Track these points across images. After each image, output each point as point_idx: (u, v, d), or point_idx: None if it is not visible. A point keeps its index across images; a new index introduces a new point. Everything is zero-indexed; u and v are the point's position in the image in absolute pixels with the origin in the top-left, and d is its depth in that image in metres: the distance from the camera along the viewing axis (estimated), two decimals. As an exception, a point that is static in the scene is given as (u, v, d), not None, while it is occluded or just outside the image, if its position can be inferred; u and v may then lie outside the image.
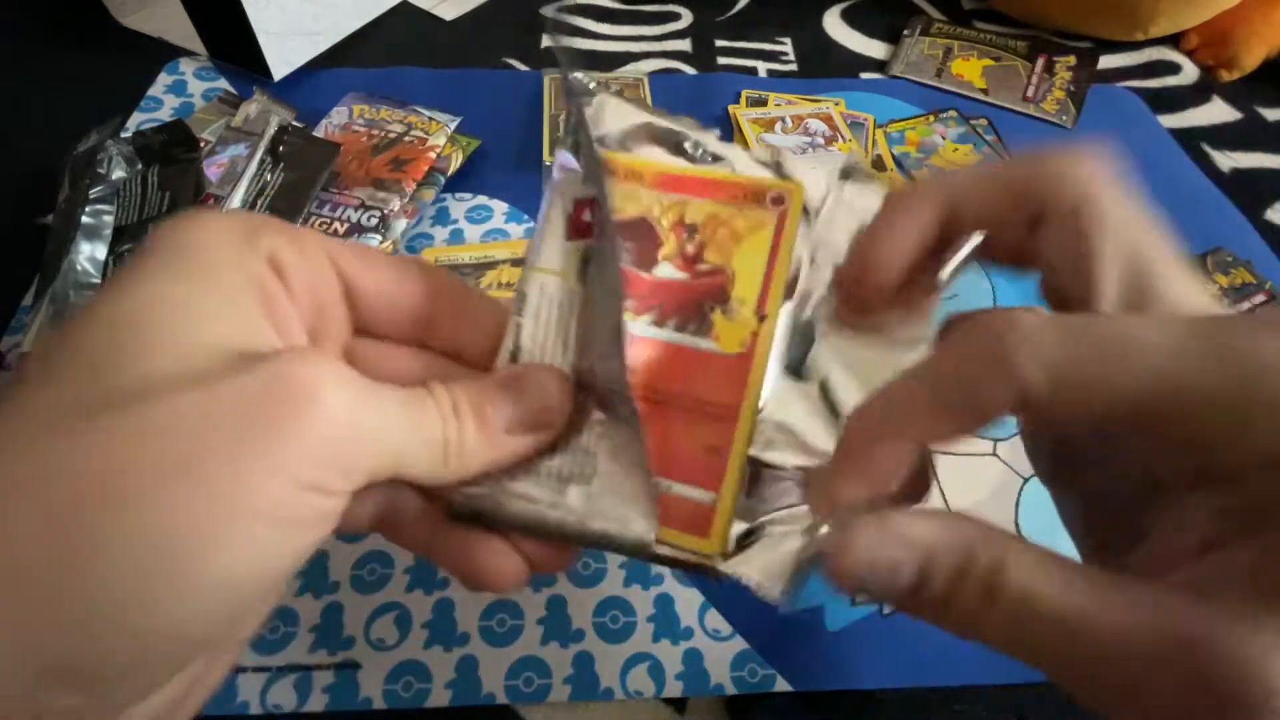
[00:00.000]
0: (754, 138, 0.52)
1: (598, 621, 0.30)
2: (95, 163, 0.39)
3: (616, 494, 0.18)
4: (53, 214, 0.41)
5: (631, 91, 0.55)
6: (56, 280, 0.35)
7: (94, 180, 0.38)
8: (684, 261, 0.20)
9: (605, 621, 0.30)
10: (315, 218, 0.43)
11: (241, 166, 0.42)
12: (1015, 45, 0.63)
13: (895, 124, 0.55)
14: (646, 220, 0.20)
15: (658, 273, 0.20)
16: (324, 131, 0.48)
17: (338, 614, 0.31)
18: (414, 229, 0.46)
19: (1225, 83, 0.63)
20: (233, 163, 0.43)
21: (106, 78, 0.54)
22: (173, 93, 0.53)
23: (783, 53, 0.63)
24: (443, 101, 0.51)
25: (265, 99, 0.48)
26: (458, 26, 0.63)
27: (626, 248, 0.20)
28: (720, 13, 0.67)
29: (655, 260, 0.20)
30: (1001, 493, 0.36)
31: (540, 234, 0.19)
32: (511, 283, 0.43)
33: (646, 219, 0.20)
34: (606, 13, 0.66)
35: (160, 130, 0.43)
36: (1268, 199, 0.52)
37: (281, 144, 0.43)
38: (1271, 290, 0.43)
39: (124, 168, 0.40)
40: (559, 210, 0.19)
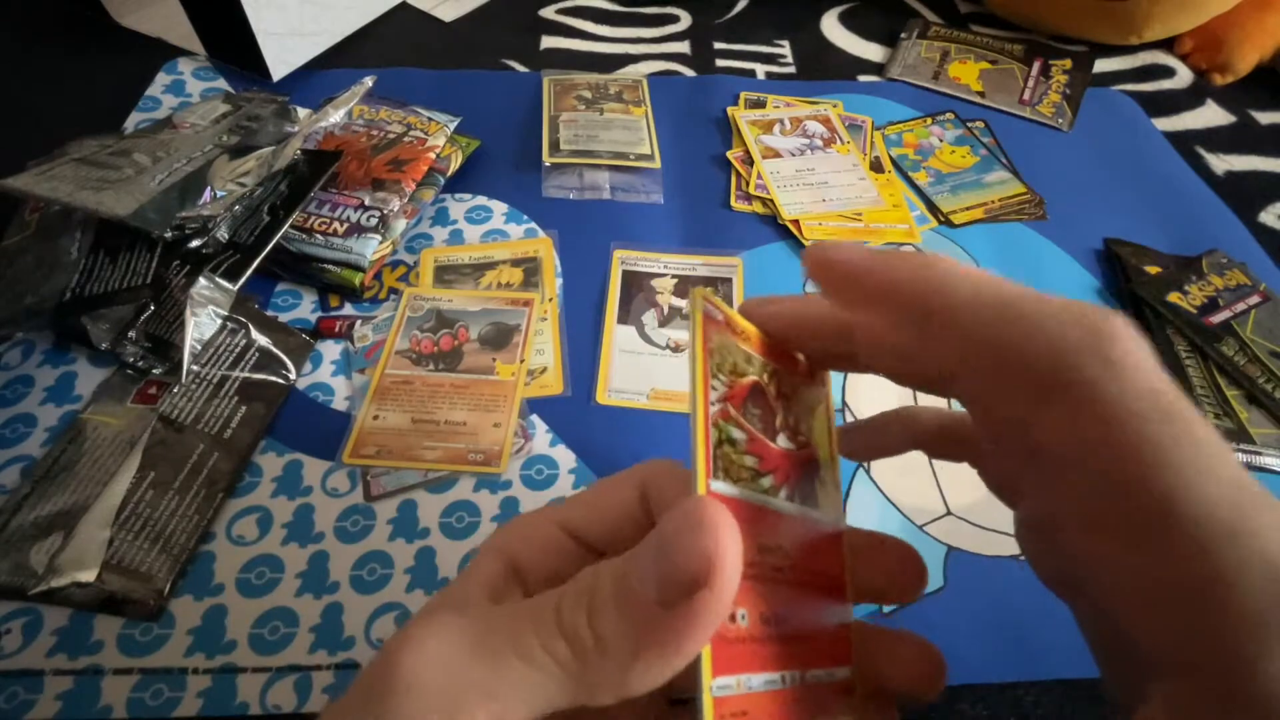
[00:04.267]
0: (752, 139, 0.52)
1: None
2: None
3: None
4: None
5: (631, 93, 0.55)
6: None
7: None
8: (791, 432, 0.19)
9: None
10: (315, 218, 0.43)
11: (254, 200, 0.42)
12: (1012, 49, 0.64)
13: (893, 126, 0.55)
14: (761, 387, 0.19)
15: (780, 443, 0.19)
16: (323, 132, 0.48)
17: (338, 614, 0.31)
18: (414, 229, 0.46)
19: (1219, 86, 0.63)
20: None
21: (106, 78, 0.54)
22: (171, 92, 0.53)
23: (781, 55, 0.63)
24: (442, 102, 0.51)
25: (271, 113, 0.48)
26: (457, 27, 0.63)
27: (756, 414, 0.18)
28: (719, 15, 0.67)
29: (775, 430, 0.19)
30: (1000, 492, 0.37)
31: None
32: (512, 283, 0.43)
33: (760, 385, 0.19)
34: (606, 15, 0.66)
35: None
36: (1261, 201, 0.53)
37: (294, 171, 0.43)
38: (1266, 292, 0.44)
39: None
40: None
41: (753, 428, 0.18)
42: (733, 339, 0.18)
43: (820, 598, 0.18)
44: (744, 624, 0.16)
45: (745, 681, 0.15)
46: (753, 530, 0.16)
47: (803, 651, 0.17)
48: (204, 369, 0.37)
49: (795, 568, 0.17)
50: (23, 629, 0.29)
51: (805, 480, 0.19)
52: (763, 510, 0.17)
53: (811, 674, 0.17)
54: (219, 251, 0.39)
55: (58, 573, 0.29)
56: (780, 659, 0.16)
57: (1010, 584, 0.33)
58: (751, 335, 0.19)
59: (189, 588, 0.31)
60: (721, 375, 0.17)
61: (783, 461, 0.18)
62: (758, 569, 0.16)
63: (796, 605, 0.17)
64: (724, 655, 0.15)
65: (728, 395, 0.17)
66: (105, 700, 0.28)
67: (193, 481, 0.33)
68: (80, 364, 0.38)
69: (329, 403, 0.38)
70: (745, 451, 0.17)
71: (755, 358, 0.19)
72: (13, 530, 0.31)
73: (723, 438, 0.17)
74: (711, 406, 0.17)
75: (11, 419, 0.36)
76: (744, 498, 0.17)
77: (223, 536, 0.33)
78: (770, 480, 0.18)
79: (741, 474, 0.17)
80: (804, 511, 0.18)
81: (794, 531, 0.18)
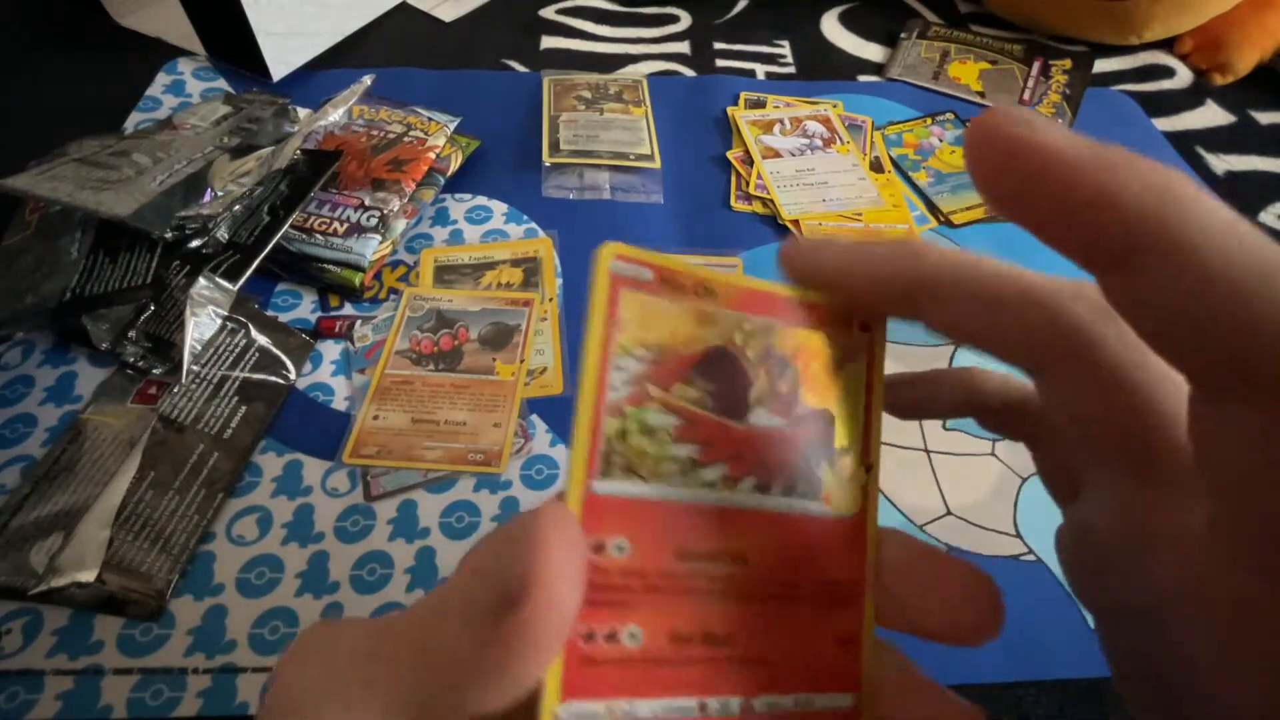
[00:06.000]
0: (752, 139, 0.52)
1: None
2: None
3: None
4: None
5: (631, 93, 0.55)
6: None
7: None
8: (779, 404, 0.15)
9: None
10: (315, 218, 0.43)
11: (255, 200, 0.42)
12: (1011, 49, 0.64)
13: (893, 126, 0.55)
14: (728, 352, 0.15)
15: (753, 421, 0.15)
16: (323, 132, 0.48)
17: (338, 614, 0.31)
18: (414, 229, 0.46)
19: (1219, 86, 0.63)
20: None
21: (106, 78, 0.54)
22: (171, 92, 0.53)
23: (781, 55, 0.63)
24: (442, 102, 0.51)
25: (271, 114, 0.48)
26: (457, 27, 0.63)
27: (710, 390, 0.15)
28: (719, 15, 0.67)
29: (747, 405, 0.15)
30: (1000, 492, 0.37)
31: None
32: (512, 283, 0.43)
33: (728, 350, 0.15)
34: (606, 15, 0.66)
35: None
36: (1261, 201, 0.53)
37: (294, 171, 0.43)
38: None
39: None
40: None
41: (696, 408, 0.15)
42: (674, 299, 0.15)
43: (812, 611, 0.15)
44: (632, 644, 0.14)
45: (624, 708, 0.14)
46: (668, 535, 0.14)
47: (760, 675, 0.15)
48: (204, 369, 0.37)
49: (763, 578, 0.15)
50: (23, 629, 0.29)
51: (798, 465, 0.16)
52: (694, 510, 0.15)
53: (773, 700, 0.15)
54: (219, 251, 0.39)
55: (58, 573, 0.29)
56: (706, 684, 0.14)
57: (1010, 584, 0.33)
58: (718, 286, 0.15)
59: (189, 588, 0.31)
60: (640, 349, 0.15)
61: (748, 445, 0.15)
62: (674, 580, 0.14)
63: (760, 621, 0.15)
64: (586, 678, 0.13)
65: (650, 374, 0.15)
66: (105, 700, 0.28)
67: (193, 481, 0.33)
68: (80, 364, 0.38)
69: (329, 403, 0.38)
70: (676, 439, 0.15)
71: (724, 314, 0.15)
72: (13, 530, 0.31)
73: (627, 428, 0.14)
74: (613, 391, 0.14)
75: (11, 419, 0.36)
76: (660, 497, 0.14)
77: (223, 536, 0.33)
78: (720, 471, 0.15)
79: (662, 467, 0.14)
80: (790, 506, 0.15)
81: (764, 532, 0.15)
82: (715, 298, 0.15)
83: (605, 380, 0.14)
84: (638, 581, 0.14)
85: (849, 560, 0.16)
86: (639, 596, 0.14)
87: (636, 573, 0.14)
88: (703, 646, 0.14)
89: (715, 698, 0.14)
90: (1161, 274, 0.10)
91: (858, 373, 0.16)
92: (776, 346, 0.16)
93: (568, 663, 0.13)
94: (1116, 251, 0.10)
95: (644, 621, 0.14)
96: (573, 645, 0.13)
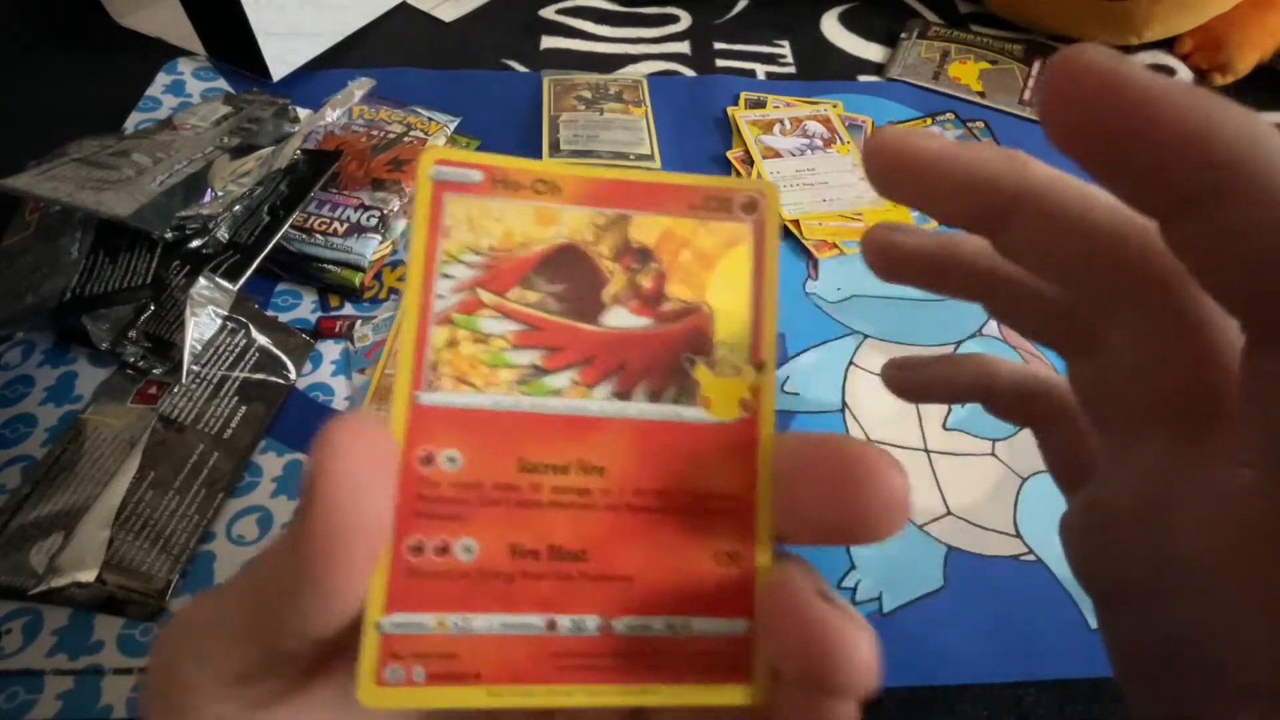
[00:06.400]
0: (752, 139, 0.52)
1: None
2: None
3: None
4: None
5: (631, 93, 0.55)
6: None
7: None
8: (641, 302, 0.14)
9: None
10: (315, 218, 0.43)
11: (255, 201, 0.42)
12: (1011, 49, 0.64)
13: (893, 126, 0.55)
14: (576, 249, 0.14)
15: (607, 321, 0.14)
16: (323, 132, 0.48)
17: (338, 613, 0.31)
18: (414, 229, 0.46)
19: (1219, 86, 0.63)
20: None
21: (106, 78, 0.54)
22: (171, 93, 0.53)
23: (781, 55, 0.63)
24: (442, 102, 0.51)
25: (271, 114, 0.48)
26: (457, 27, 0.63)
27: (554, 292, 0.14)
28: (719, 15, 0.67)
29: (600, 304, 0.14)
30: (1000, 492, 0.37)
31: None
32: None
33: (576, 247, 0.14)
34: (606, 15, 0.66)
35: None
36: (1262, 202, 0.53)
37: (294, 171, 0.43)
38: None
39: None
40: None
41: (538, 311, 0.14)
42: (509, 199, 0.14)
43: (687, 526, 0.14)
44: (466, 557, 0.13)
45: (456, 621, 0.13)
46: (508, 446, 0.14)
47: (623, 594, 0.14)
48: (204, 369, 0.37)
49: (623, 490, 0.14)
50: (23, 629, 0.29)
51: (666, 367, 0.14)
52: (539, 419, 0.14)
53: (638, 621, 0.14)
54: (219, 251, 0.39)
55: (58, 573, 0.30)
56: (554, 600, 0.14)
57: (1010, 584, 0.33)
58: (562, 181, 0.14)
59: (189, 588, 0.31)
60: (469, 254, 0.14)
61: (603, 348, 0.14)
62: (515, 493, 0.14)
63: (621, 537, 0.14)
64: (413, 590, 0.13)
65: (481, 279, 0.14)
66: (105, 700, 0.28)
67: (193, 481, 0.33)
68: (80, 364, 0.38)
69: (329, 403, 0.38)
70: (514, 345, 0.14)
71: (569, 210, 0.14)
72: (13, 530, 0.31)
73: (456, 337, 0.14)
74: (440, 300, 0.14)
75: (11, 419, 0.36)
76: (497, 407, 0.14)
77: (223, 536, 0.33)
78: (569, 377, 0.14)
79: (499, 376, 0.14)
80: (659, 412, 0.14)
81: (625, 441, 0.14)
82: (559, 193, 0.14)
83: (431, 289, 0.14)
84: (473, 494, 0.14)
85: (734, 470, 0.14)
86: (474, 509, 0.13)
87: (471, 485, 0.14)
88: (550, 561, 0.14)
89: (566, 615, 0.14)
90: (1246, 216, 0.10)
91: (740, 260, 0.15)
92: (636, 239, 0.14)
93: (393, 574, 0.13)
94: (1200, 193, 0.10)
95: (480, 535, 0.13)
96: (399, 557, 0.13)
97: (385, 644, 0.13)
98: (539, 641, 0.14)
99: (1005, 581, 0.33)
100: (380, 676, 0.13)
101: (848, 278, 0.45)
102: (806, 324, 0.42)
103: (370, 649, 0.13)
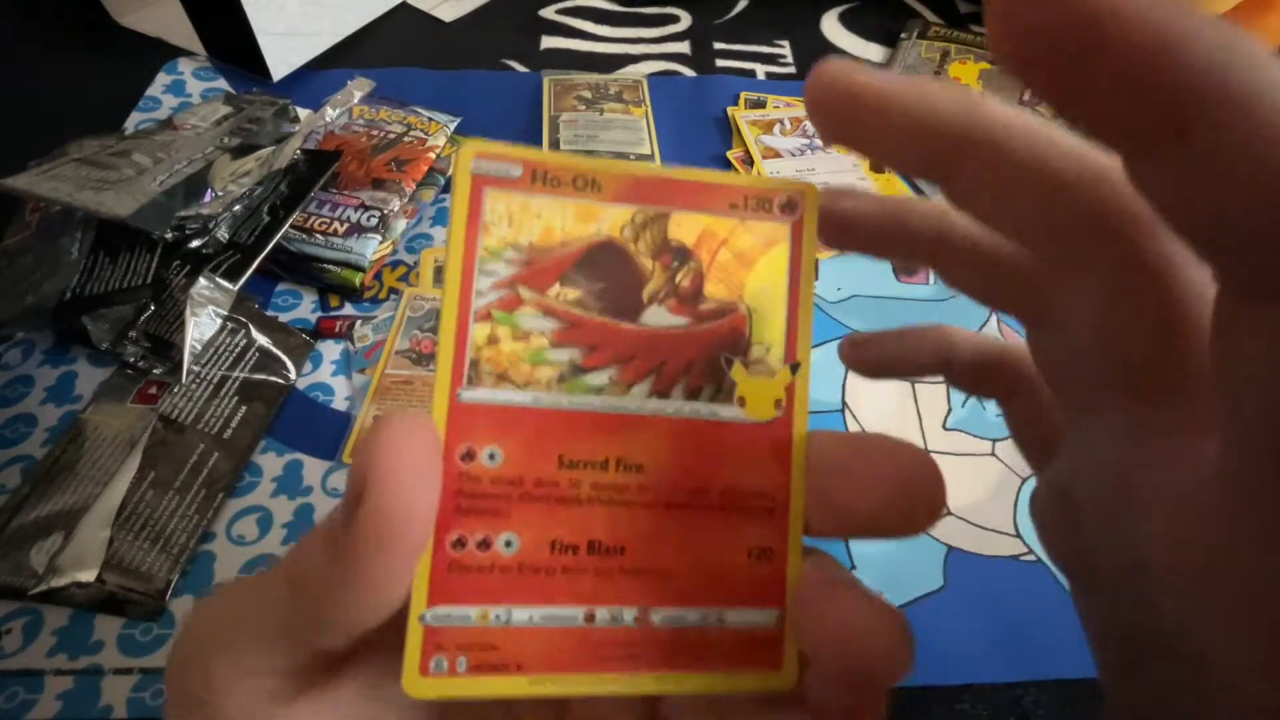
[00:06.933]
0: (752, 139, 0.52)
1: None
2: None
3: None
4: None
5: (631, 93, 0.55)
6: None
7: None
8: (679, 301, 0.14)
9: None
10: (315, 218, 0.43)
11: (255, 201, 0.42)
12: (1011, 49, 0.64)
13: (893, 126, 0.55)
14: (616, 247, 0.14)
15: (647, 320, 0.14)
16: (323, 132, 0.48)
17: (338, 613, 0.31)
18: (414, 229, 0.46)
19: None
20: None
21: (106, 78, 0.54)
22: (171, 92, 0.53)
23: (781, 55, 0.63)
24: (442, 102, 0.51)
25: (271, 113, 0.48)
26: (457, 28, 0.63)
27: (594, 290, 0.14)
28: (719, 15, 0.67)
29: (639, 303, 0.14)
30: (1000, 492, 0.37)
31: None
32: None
33: (615, 245, 0.14)
34: (606, 15, 0.66)
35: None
36: (1262, 202, 0.53)
37: (294, 171, 0.43)
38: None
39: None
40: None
41: (577, 309, 0.14)
42: (549, 195, 0.14)
43: (723, 522, 0.14)
44: (508, 551, 0.14)
45: (498, 614, 0.14)
46: (548, 443, 0.14)
47: (659, 587, 0.14)
48: (204, 369, 0.37)
49: (661, 487, 0.14)
50: (23, 629, 0.29)
51: (703, 367, 0.15)
52: (579, 417, 0.14)
53: (674, 613, 0.14)
54: (219, 251, 0.39)
55: (58, 573, 0.30)
56: (593, 593, 0.14)
57: (1010, 584, 0.33)
58: (603, 178, 0.14)
59: (189, 587, 0.31)
60: (510, 251, 0.14)
61: (641, 347, 0.14)
62: (555, 489, 0.14)
63: (659, 532, 0.14)
64: (457, 584, 0.13)
65: (521, 276, 0.14)
66: (105, 700, 0.28)
67: (193, 481, 0.33)
68: (80, 364, 0.38)
69: (329, 403, 0.38)
70: (554, 343, 0.14)
71: (610, 208, 0.14)
72: (13, 530, 0.31)
73: (496, 334, 0.14)
74: (480, 297, 0.14)
75: (11, 419, 0.36)
76: (538, 404, 0.14)
77: (223, 536, 0.33)
78: (608, 375, 0.14)
79: (539, 373, 0.14)
80: (696, 411, 0.14)
81: (664, 439, 0.14)
82: (599, 190, 0.14)
83: (471, 286, 0.14)
84: (513, 490, 0.14)
85: (769, 467, 0.15)
86: (514, 505, 0.14)
87: (512, 480, 0.14)
88: (589, 556, 0.14)
89: (605, 607, 0.14)
90: (1222, 145, 0.08)
91: (778, 261, 0.15)
92: (675, 237, 0.14)
93: (435, 568, 0.13)
94: (1173, 120, 0.08)
95: (521, 529, 0.14)
96: (441, 551, 0.13)
97: (429, 636, 0.13)
98: (578, 633, 0.14)
99: (1005, 581, 0.33)
100: (425, 667, 0.13)
101: (848, 278, 0.45)
102: (806, 324, 0.42)
103: (414, 641, 0.13)
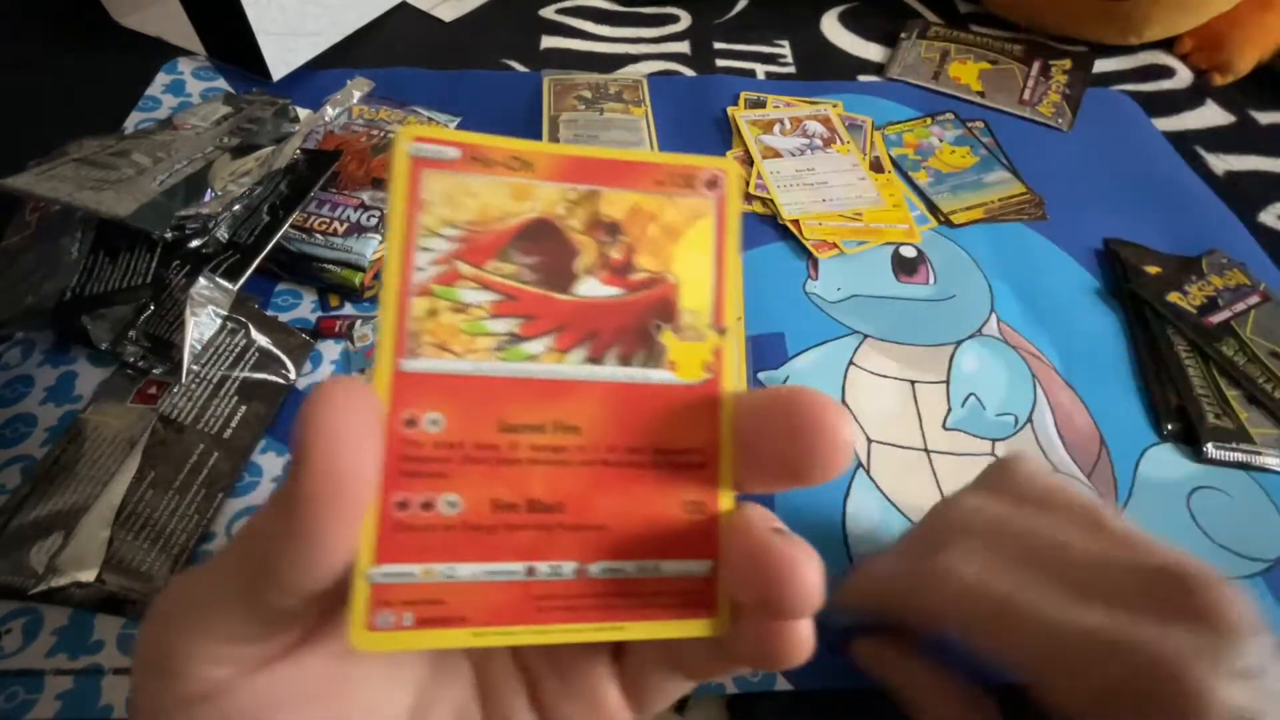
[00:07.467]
0: (752, 139, 0.52)
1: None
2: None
3: None
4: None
5: (631, 93, 0.55)
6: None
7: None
8: (611, 273, 0.15)
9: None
10: (315, 217, 0.43)
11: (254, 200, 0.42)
12: (1011, 49, 0.64)
13: (893, 126, 0.55)
14: (549, 223, 0.15)
15: (580, 291, 0.15)
16: (323, 132, 0.48)
17: (338, 613, 0.31)
18: (414, 229, 0.46)
19: (1219, 86, 0.63)
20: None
21: (106, 78, 0.54)
22: (171, 92, 0.53)
23: (781, 55, 0.63)
24: (442, 102, 0.51)
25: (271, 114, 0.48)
26: (457, 27, 0.63)
27: (529, 264, 0.15)
28: (719, 15, 0.67)
29: (573, 275, 0.15)
30: (1000, 492, 0.36)
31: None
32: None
33: (549, 221, 0.15)
34: (606, 15, 0.66)
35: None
36: (1261, 201, 0.53)
37: (294, 170, 0.43)
38: (1266, 292, 0.44)
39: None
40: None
41: (513, 282, 0.15)
42: (485, 175, 0.15)
43: (657, 479, 0.15)
44: (451, 511, 0.14)
45: (442, 570, 0.14)
46: (488, 408, 0.15)
47: (597, 541, 0.15)
48: (204, 369, 0.37)
49: (597, 447, 0.15)
50: (23, 629, 0.29)
51: (635, 333, 0.15)
52: (517, 383, 0.15)
53: (612, 565, 0.15)
54: (219, 251, 0.39)
55: (58, 573, 0.30)
56: (533, 548, 0.15)
57: (1010, 584, 0.33)
58: (536, 158, 0.15)
59: (189, 587, 0.31)
60: (447, 229, 0.15)
61: (576, 316, 0.15)
62: (495, 451, 0.15)
63: (595, 490, 0.15)
64: (401, 543, 0.14)
65: (459, 252, 0.15)
66: (105, 700, 0.28)
67: (193, 481, 0.33)
68: (80, 364, 0.38)
69: (329, 403, 0.38)
70: (492, 315, 0.15)
71: (543, 186, 0.15)
72: (13, 530, 0.31)
73: (436, 307, 0.14)
74: (420, 272, 0.14)
75: (11, 419, 0.36)
76: (477, 372, 0.15)
77: (223, 536, 0.33)
78: (545, 344, 0.15)
79: (478, 343, 0.15)
80: (629, 375, 0.15)
81: (598, 402, 0.15)
82: (532, 169, 0.15)
83: (410, 262, 0.14)
84: (455, 453, 0.14)
85: (699, 426, 0.15)
86: (456, 467, 0.14)
87: (453, 445, 0.14)
88: (529, 514, 0.15)
89: (545, 561, 0.15)
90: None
91: (704, 233, 0.16)
92: (605, 213, 0.15)
93: (381, 529, 0.14)
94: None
95: (463, 490, 0.14)
96: (386, 513, 0.14)
97: (375, 593, 0.14)
98: (520, 586, 0.15)
99: (1005, 581, 0.33)
100: (371, 622, 0.14)
101: (848, 278, 0.45)
102: (806, 324, 0.42)
103: (360, 598, 0.14)
